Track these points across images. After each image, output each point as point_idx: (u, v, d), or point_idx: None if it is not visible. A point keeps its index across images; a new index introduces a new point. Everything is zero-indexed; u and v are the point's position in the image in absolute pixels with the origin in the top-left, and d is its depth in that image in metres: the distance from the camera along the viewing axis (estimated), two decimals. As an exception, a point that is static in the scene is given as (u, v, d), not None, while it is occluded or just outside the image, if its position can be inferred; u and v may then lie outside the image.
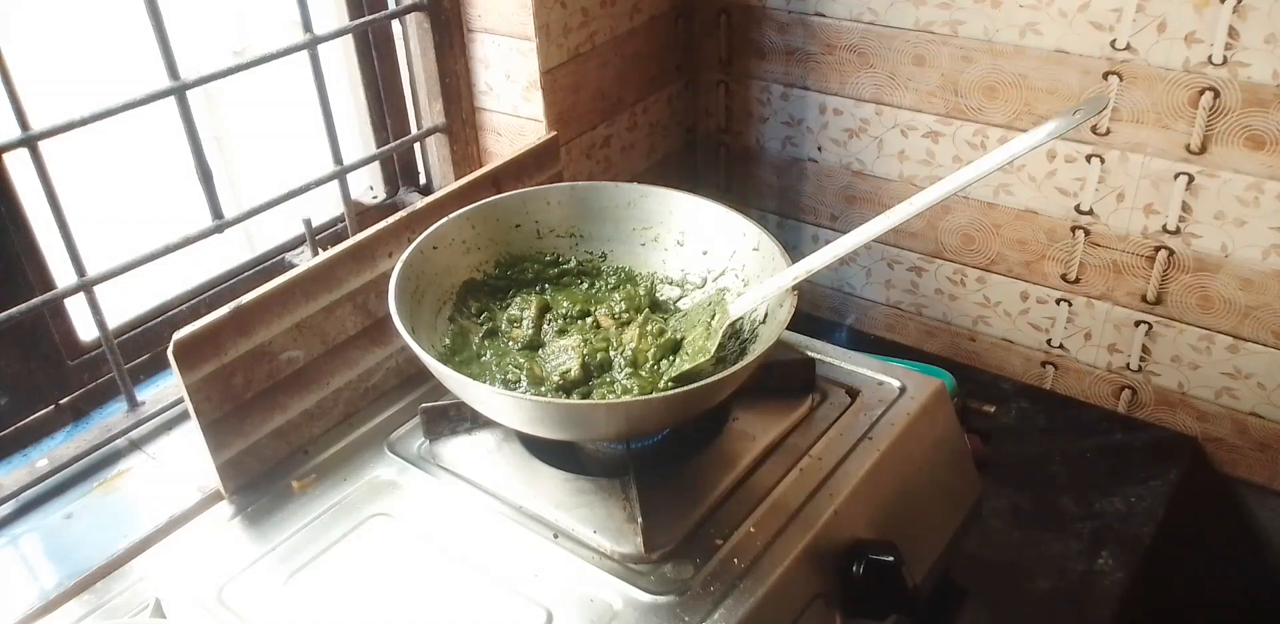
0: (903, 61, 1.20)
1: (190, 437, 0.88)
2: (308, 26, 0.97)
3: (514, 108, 1.16)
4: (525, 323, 0.90)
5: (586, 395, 0.82)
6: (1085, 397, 1.29)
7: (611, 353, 0.85)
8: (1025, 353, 1.30)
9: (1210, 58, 1.02)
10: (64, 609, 0.77)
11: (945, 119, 1.21)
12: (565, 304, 0.91)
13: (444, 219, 0.89)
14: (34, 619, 0.76)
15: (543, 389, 0.83)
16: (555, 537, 0.79)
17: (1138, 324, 1.20)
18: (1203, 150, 1.07)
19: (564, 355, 0.85)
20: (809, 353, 0.96)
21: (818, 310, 1.45)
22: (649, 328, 0.85)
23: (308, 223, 1.01)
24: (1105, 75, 1.08)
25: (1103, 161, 1.13)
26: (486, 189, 1.00)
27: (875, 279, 1.37)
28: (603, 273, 0.96)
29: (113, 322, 0.93)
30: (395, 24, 1.13)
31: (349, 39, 1.12)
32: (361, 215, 1.13)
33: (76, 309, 0.93)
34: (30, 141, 0.80)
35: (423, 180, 1.24)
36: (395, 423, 0.92)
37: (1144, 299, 1.18)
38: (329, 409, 0.91)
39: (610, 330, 0.88)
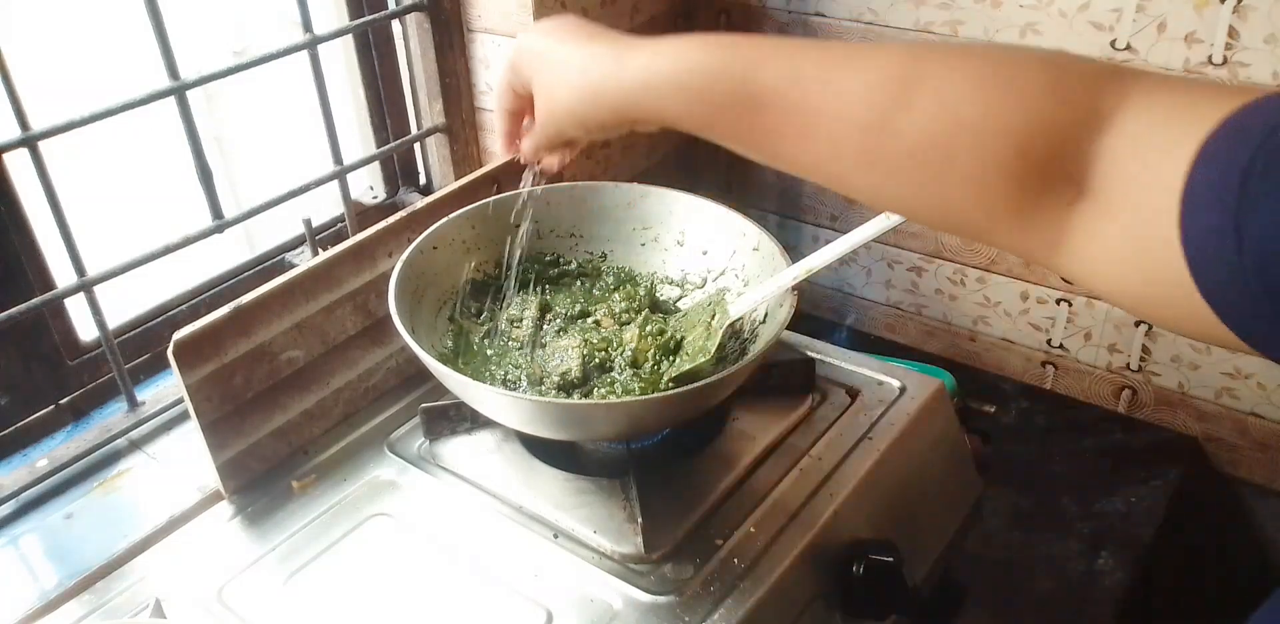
0: (903, 61, 1.20)
1: (190, 437, 0.88)
2: (308, 26, 0.97)
3: (514, 108, 1.16)
4: (525, 323, 0.90)
5: (587, 395, 0.82)
6: (1085, 397, 1.29)
7: (611, 353, 0.85)
8: (1025, 353, 1.31)
9: (1210, 58, 1.02)
10: (64, 609, 0.77)
11: (945, 119, 1.20)
12: (565, 304, 0.91)
13: (444, 219, 0.89)
14: (34, 619, 0.76)
15: (543, 389, 0.83)
16: (555, 537, 0.79)
17: (1138, 324, 1.20)
18: (1203, 150, 1.07)
19: (564, 355, 0.85)
20: (809, 353, 0.96)
21: (818, 310, 1.45)
22: (649, 328, 0.85)
23: (308, 223, 1.01)
24: (1105, 75, 1.08)
25: (1103, 161, 1.13)
26: (486, 189, 1.00)
27: (875, 279, 1.37)
28: (603, 273, 0.96)
29: (113, 322, 0.93)
30: (395, 24, 1.13)
31: (349, 39, 1.12)
32: (361, 215, 1.13)
33: (76, 309, 0.93)
34: (30, 141, 0.80)
35: (423, 180, 1.24)
36: (395, 423, 0.92)
37: (1144, 299, 1.18)
38: (329, 409, 0.91)
39: (610, 330, 0.88)
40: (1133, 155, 0.43)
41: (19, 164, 0.83)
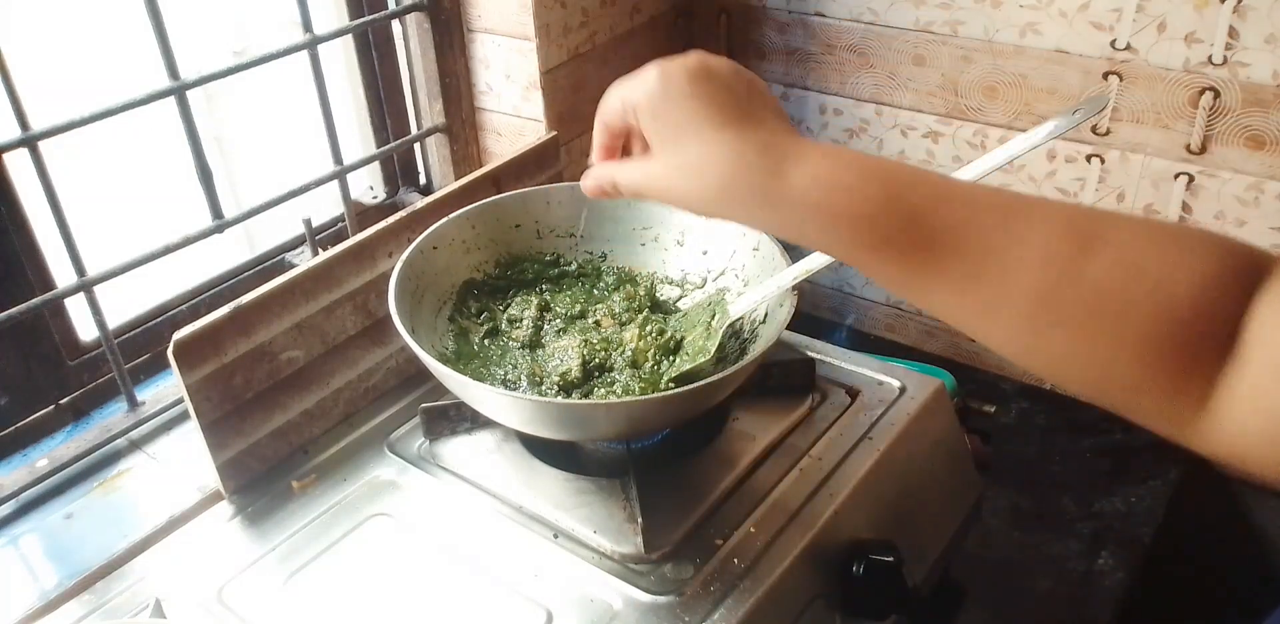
0: (903, 61, 1.20)
1: (190, 437, 0.88)
2: (308, 26, 0.97)
3: (514, 108, 1.16)
4: (525, 323, 0.90)
5: (587, 395, 0.82)
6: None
7: (611, 353, 0.85)
8: (1025, 353, 1.30)
9: (1210, 58, 1.02)
10: (64, 609, 0.77)
11: (945, 119, 1.21)
12: (565, 304, 0.91)
13: (444, 219, 0.89)
14: (34, 619, 0.76)
15: (543, 389, 0.83)
16: (555, 537, 0.79)
17: (1138, 324, 1.20)
18: (1203, 150, 1.07)
19: (564, 355, 0.85)
20: (809, 353, 0.96)
21: (818, 310, 1.45)
22: (649, 328, 0.85)
23: (308, 223, 1.01)
24: (1105, 75, 1.08)
25: (1103, 161, 1.13)
26: (486, 189, 1.00)
27: (875, 279, 1.37)
28: (603, 273, 0.96)
29: (113, 322, 0.93)
30: (395, 24, 1.13)
31: (349, 39, 1.12)
32: (361, 215, 1.13)
33: (76, 309, 0.93)
34: (30, 141, 0.80)
35: (423, 180, 1.24)
36: (395, 423, 0.92)
37: (1144, 299, 1.18)
38: (329, 409, 0.91)
39: (610, 330, 0.88)
40: (1274, 312, 0.44)
41: (19, 164, 0.83)
